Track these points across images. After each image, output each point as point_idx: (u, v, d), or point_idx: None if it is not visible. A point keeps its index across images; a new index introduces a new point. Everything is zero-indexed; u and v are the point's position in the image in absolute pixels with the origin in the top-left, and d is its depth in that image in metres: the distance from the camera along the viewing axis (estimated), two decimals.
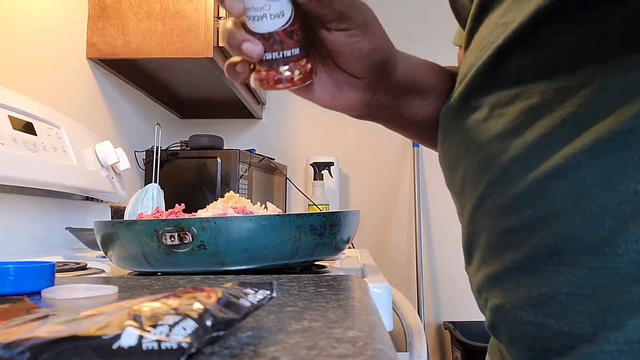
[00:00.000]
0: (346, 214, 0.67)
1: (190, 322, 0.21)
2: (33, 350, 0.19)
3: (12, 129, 0.97)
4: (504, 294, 0.40)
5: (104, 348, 0.19)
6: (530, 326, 0.37)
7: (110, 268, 0.78)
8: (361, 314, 0.32)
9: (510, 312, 0.39)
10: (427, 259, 2.35)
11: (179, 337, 0.20)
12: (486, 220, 0.41)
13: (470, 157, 0.42)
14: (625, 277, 0.32)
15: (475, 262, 0.44)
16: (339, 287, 0.45)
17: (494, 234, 0.40)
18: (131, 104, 1.84)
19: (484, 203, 0.41)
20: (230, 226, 0.60)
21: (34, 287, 0.45)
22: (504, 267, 0.39)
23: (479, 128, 0.41)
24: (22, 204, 1.09)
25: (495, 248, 0.40)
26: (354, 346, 0.23)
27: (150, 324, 0.20)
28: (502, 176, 0.38)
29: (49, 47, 1.33)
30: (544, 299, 0.36)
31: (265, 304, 0.28)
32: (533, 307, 0.37)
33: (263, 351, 0.23)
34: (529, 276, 0.37)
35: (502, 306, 0.40)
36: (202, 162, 1.86)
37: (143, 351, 0.19)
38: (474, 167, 0.41)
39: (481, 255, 0.42)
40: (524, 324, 0.38)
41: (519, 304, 0.38)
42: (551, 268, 0.35)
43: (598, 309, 0.33)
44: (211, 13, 1.51)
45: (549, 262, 0.35)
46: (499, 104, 0.40)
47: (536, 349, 0.38)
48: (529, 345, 0.38)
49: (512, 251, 0.38)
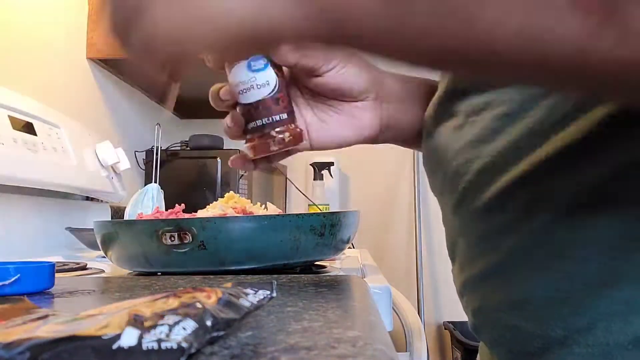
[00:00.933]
0: (346, 214, 0.67)
1: (190, 322, 0.21)
2: (33, 350, 0.19)
3: (12, 129, 0.97)
4: (483, 296, 0.41)
5: (104, 348, 0.19)
6: (507, 329, 0.38)
7: (110, 268, 0.78)
8: (361, 314, 0.32)
9: (490, 315, 0.40)
10: (427, 259, 2.35)
11: (179, 337, 0.20)
12: (463, 225, 0.42)
13: (447, 163, 0.44)
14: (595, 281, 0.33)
15: (457, 265, 0.45)
16: (339, 287, 0.45)
17: (471, 239, 0.41)
18: (131, 104, 1.84)
19: (461, 208, 0.42)
20: (230, 226, 0.60)
21: (34, 287, 0.45)
22: (482, 271, 0.40)
23: (455, 134, 0.43)
24: (22, 204, 1.09)
25: (473, 252, 0.41)
26: (354, 346, 0.23)
27: (150, 324, 0.20)
28: (476, 182, 0.40)
29: (49, 47, 1.33)
30: (519, 302, 0.37)
31: (265, 304, 0.28)
32: (510, 310, 0.38)
33: (263, 351, 0.23)
34: (506, 280, 0.38)
35: (482, 309, 0.41)
36: (202, 162, 1.86)
37: (143, 351, 0.19)
38: (451, 172, 0.43)
39: (461, 259, 0.44)
40: (502, 327, 0.39)
41: (498, 307, 0.39)
42: (526, 272, 0.36)
43: (570, 312, 0.34)
44: None
45: (524, 267, 0.36)
46: (472, 111, 0.41)
47: (515, 351, 0.38)
48: (508, 347, 0.39)
49: (489, 255, 0.39)
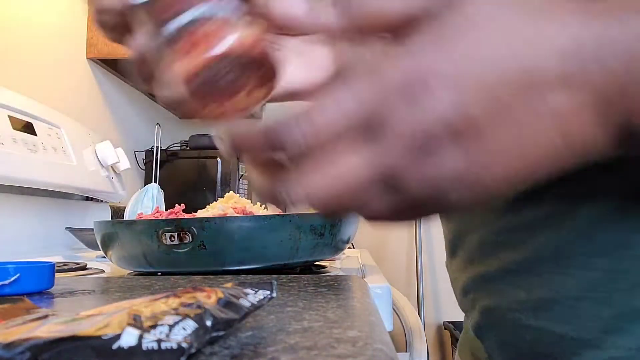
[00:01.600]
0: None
1: (190, 322, 0.21)
2: (33, 350, 0.19)
3: (12, 129, 0.97)
4: (497, 295, 0.39)
5: (103, 348, 0.19)
6: (528, 331, 0.36)
7: (110, 268, 0.78)
8: (361, 314, 0.32)
9: (505, 315, 0.38)
10: (427, 259, 2.35)
11: (178, 337, 0.20)
12: (480, 217, 0.40)
13: None
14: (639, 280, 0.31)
15: (460, 260, 0.43)
16: (339, 287, 0.45)
17: (488, 233, 0.39)
18: (131, 104, 1.84)
19: None
20: (230, 226, 0.60)
21: (34, 287, 0.45)
22: (499, 268, 0.38)
23: None
24: (22, 204, 1.09)
25: (489, 247, 0.39)
26: (354, 346, 0.23)
27: (150, 324, 0.20)
28: None
29: (49, 47, 1.33)
30: (546, 302, 0.35)
31: (265, 304, 0.28)
32: (532, 311, 0.36)
33: (263, 351, 0.23)
34: (528, 278, 0.36)
35: (495, 308, 0.39)
36: (202, 162, 1.86)
37: (143, 351, 0.19)
38: None
39: (469, 254, 0.41)
40: (521, 328, 0.36)
41: (516, 307, 0.37)
42: (555, 270, 0.34)
43: (609, 313, 0.32)
44: None
45: (553, 264, 0.34)
46: None
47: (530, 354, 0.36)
48: (523, 349, 0.37)
49: (510, 251, 0.37)
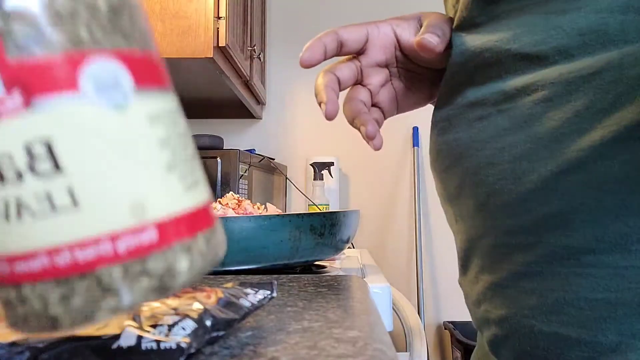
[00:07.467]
0: (346, 214, 0.67)
1: (189, 322, 0.21)
2: (33, 350, 0.19)
3: None
4: (510, 303, 0.36)
5: (103, 348, 0.19)
6: (542, 337, 0.34)
7: None
8: (361, 314, 0.32)
9: (519, 323, 0.36)
10: (427, 259, 2.35)
11: (178, 337, 0.20)
12: (490, 220, 0.38)
13: (469, 156, 0.39)
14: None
15: (472, 271, 0.41)
16: (339, 287, 0.45)
17: (500, 235, 0.37)
18: None
19: (489, 202, 0.37)
20: (230, 226, 0.60)
21: None
22: (511, 273, 0.36)
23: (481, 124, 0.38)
24: None
25: (500, 251, 0.37)
26: (354, 346, 0.23)
27: (149, 324, 0.20)
28: (512, 171, 0.35)
29: None
30: (559, 305, 0.33)
31: (265, 304, 0.28)
32: (546, 316, 0.34)
33: (263, 351, 0.23)
34: (541, 281, 0.34)
35: (509, 317, 0.37)
36: (201, 162, 1.86)
37: (142, 351, 0.19)
38: (477, 164, 0.38)
39: (481, 262, 0.39)
40: (535, 335, 0.34)
41: (530, 313, 0.35)
42: (567, 270, 0.33)
43: (624, 313, 0.30)
44: (211, 13, 1.51)
45: (565, 264, 0.33)
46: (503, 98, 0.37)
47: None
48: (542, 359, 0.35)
49: (521, 253, 0.35)
